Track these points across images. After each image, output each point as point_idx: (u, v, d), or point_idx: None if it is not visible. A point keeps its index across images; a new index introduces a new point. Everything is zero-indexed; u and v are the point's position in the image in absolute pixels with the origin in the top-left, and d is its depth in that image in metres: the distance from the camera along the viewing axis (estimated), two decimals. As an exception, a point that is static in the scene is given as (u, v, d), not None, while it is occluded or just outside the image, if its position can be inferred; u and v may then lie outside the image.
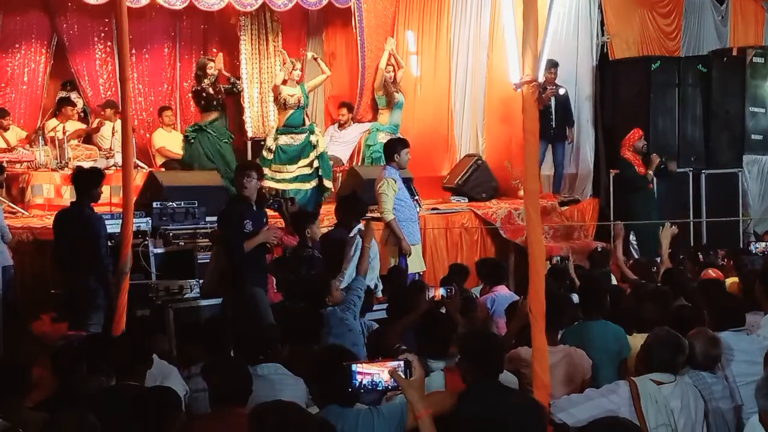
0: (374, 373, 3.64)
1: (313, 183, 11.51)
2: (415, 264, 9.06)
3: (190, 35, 14.01)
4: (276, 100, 11.60)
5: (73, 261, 7.83)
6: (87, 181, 8.05)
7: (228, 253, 7.63)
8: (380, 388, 3.68)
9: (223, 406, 4.41)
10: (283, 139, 11.38)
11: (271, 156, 11.34)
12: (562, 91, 12.68)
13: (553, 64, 12.10)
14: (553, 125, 12.74)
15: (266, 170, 11.20)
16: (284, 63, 11.91)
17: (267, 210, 8.73)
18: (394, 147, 9.15)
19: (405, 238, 8.83)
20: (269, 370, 5.08)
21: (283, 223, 9.34)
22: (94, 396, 4.63)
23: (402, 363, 3.66)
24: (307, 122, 11.75)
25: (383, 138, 11.78)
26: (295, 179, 11.40)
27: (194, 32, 14.03)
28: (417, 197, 9.54)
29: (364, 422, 4.03)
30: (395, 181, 8.89)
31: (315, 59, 12.27)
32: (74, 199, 8.22)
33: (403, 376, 3.64)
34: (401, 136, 11.07)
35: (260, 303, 7.20)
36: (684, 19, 14.37)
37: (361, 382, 3.64)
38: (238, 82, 12.47)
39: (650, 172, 11.98)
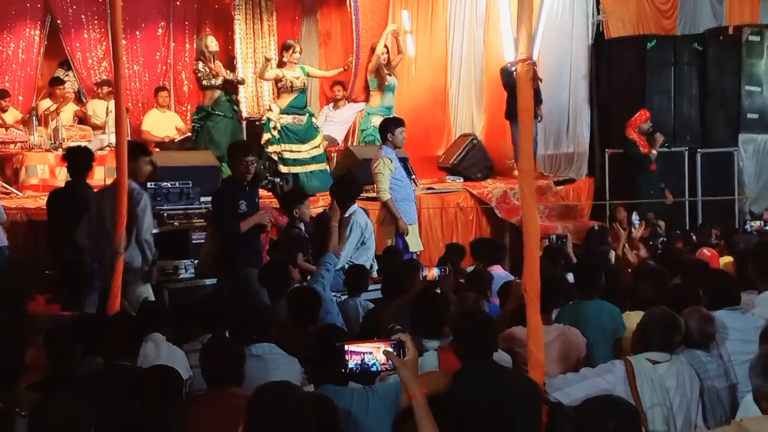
0: (365, 352, 3.61)
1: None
2: (413, 243, 9.04)
3: (184, 15, 13.98)
4: (278, 85, 11.47)
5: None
6: (80, 160, 8.02)
7: (221, 234, 7.59)
8: (373, 370, 3.66)
9: (219, 387, 4.39)
10: (287, 119, 11.31)
11: (278, 135, 11.29)
12: None
13: None
14: None
15: (276, 147, 11.17)
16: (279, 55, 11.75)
17: (260, 190, 8.68)
18: (388, 126, 9.11)
19: (402, 218, 8.80)
20: (263, 349, 5.06)
21: (277, 203, 9.32)
22: (88, 377, 4.61)
23: (395, 343, 3.65)
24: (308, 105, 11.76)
25: (377, 121, 11.56)
26: (313, 159, 11.41)
27: (188, 12, 14.01)
28: (414, 177, 9.51)
29: (359, 401, 4.02)
30: (391, 161, 8.86)
31: (346, 69, 12.17)
32: (69, 179, 8.19)
33: (396, 356, 3.63)
34: (396, 116, 11.00)
35: (253, 284, 7.19)
36: (680, -2, 14.32)
37: (347, 363, 3.60)
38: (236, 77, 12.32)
39: (654, 152, 11.98)
